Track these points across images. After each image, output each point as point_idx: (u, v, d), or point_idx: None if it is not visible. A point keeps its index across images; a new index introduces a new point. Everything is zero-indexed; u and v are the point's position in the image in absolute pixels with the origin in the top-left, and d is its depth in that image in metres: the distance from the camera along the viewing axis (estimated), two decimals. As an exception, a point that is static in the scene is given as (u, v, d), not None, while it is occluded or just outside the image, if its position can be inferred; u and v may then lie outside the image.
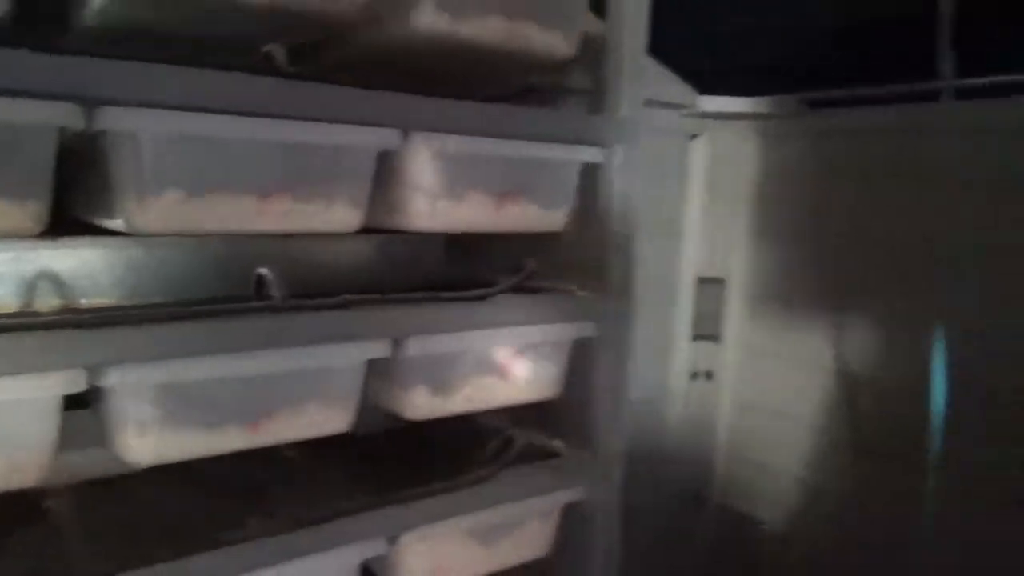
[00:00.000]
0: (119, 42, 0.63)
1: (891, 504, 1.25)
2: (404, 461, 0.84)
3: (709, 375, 1.67)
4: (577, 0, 0.77)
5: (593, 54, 0.79)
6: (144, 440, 0.59)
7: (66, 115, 0.51)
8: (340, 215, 0.67)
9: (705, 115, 1.47)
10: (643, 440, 1.57)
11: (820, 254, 1.36)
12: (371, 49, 0.72)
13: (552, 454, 0.84)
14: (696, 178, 1.51)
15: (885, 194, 1.20)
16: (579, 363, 0.83)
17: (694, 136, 1.51)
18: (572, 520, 0.85)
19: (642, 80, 0.80)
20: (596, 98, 0.80)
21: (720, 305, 1.62)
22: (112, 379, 0.54)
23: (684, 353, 1.62)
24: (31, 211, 0.52)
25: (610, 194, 0.80)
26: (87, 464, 0.72)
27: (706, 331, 1.64)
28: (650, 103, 1.05)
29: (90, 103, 0.51)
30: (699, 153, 1.50)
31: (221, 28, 0.65)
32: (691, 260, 1.58)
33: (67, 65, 0.51)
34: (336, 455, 0.82)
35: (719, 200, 1.52)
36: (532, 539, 0.84)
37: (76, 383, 0.53)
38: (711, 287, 1.62)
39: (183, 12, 0.61)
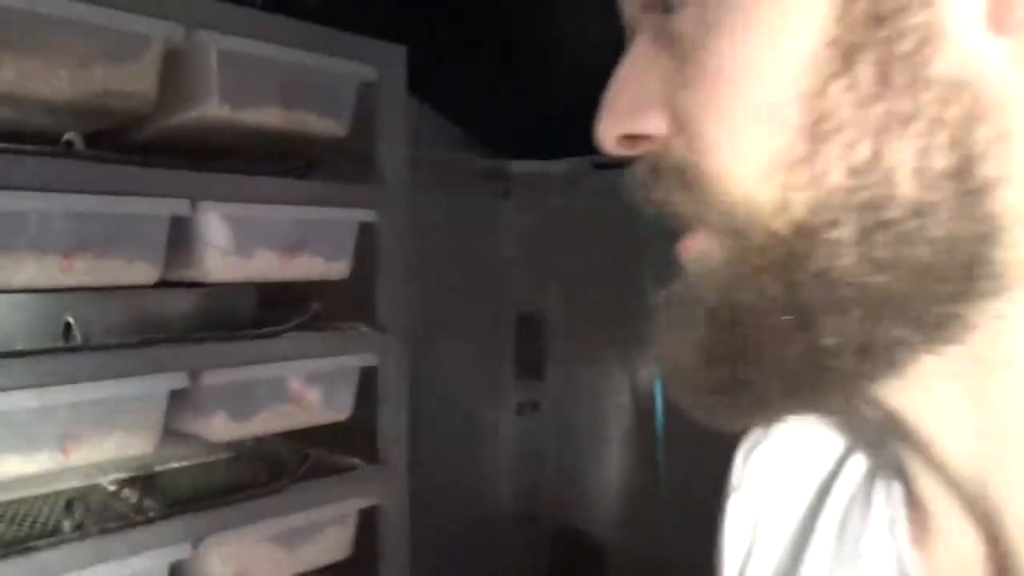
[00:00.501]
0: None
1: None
2: (213, 480, 0.97)
3: (535, 406, 1.86)
4: (347, 91, 0.95)
5: (364, 133, 0.97)
6: (-42, 464, 0.69)
7: None
8: (141, 270, 0.80)
9: (515, 176, 1.71)
10: (475, 467, 1.74)
11: (613, 295, 1.59)
12: (165, 131, 0.87)
13: (347, 468, 0.99)
14: (511, 228, 1.73)
15: (642, 244, 1.45)
16: (366, 390, 0.99)
17: (507, 193, 1.73)
18: (367, 527, 0.99)
19: (402, 155, 0.98)
20: (367, 168, 0.98)
21: (541, 341, 1.82)
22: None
23: (511, 386, 1.82)
24: None
25: (382, 247, 0.98)
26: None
27: (530, 366, 1.84)
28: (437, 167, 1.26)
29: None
30: (512, 207, 1.72)
31: (28, 120, 0.78)
32: (512, 300, 1.78)
33: None
34: (149, 482, 0.94)
35: (535, 248, 1.74)
36: (332, 543, 0.97)
37: None
38: (531, 325, 1.82)
39: (9, 113, 0.74)
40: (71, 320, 0.77)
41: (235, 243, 0.86)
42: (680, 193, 0.27)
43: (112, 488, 0.93)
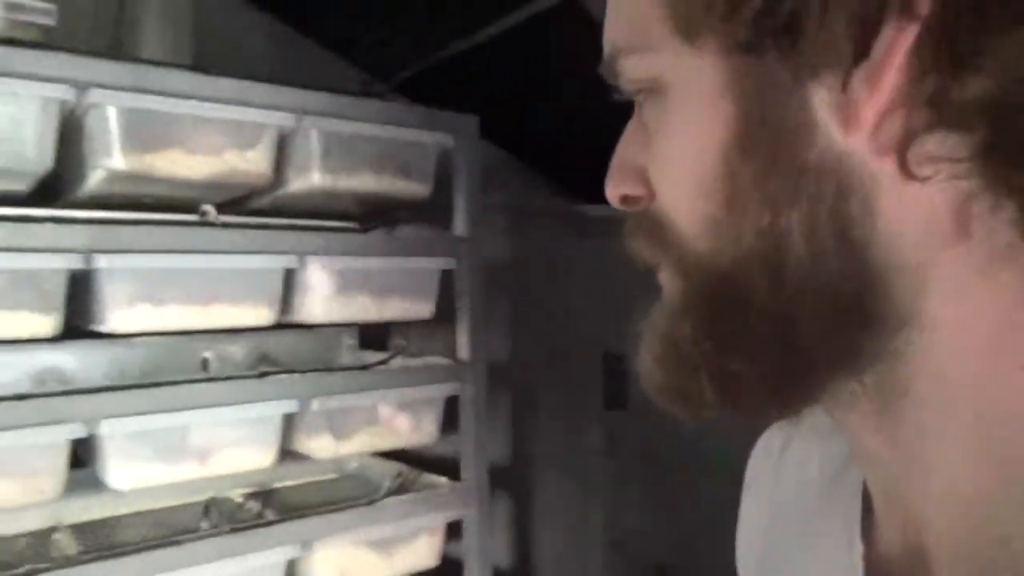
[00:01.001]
0: (103, 205, 0.95)
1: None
2: (320, 495, 1.12)
3: (623, 441, 1.94)
4: (428, 157, 1.11)
5: (445, 189, 1.13)
6: (124, 472, 0.87)
7: (72, 262, 0.82)
8: (261, 314, 0.98)
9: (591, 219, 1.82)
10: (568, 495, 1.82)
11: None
12: (278, 199, 1.05)
13: (434, 486, 1.12)
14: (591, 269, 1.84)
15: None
16: (450, 418, 1.12)
17: (585, 235, 1.85)
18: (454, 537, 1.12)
19: (477, 209, 1.13)
20: (447, 219, 1.13)
21: (627, 378, 1.91)
22: (104, 428, 0.84)
23: (596, 422, 1.90)
24: (52, 320, 0.83)
25: (461, 289, 1.12)
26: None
27: (617, 400, 1.92)
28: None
29: (87, 253, 0.83)
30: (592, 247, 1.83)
31: (172, 194, 0.98)
32: (597, 339, 1.88)
33: (74, 226, 0.83)
34: (268, 496, 1.10)
35: (614, 289, 1.84)
36: (422, 552, 1.10)
37: (75, 432, 0.82)
38: (616, 361, 1.91)
39: (148, 189, 0.94)
40: (208, 356, 0.95)
41: (336, 289, 1.03)
42: (647, 241, 0.35)
43: (239, 500, 1.10)
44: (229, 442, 0.94)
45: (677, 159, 0.33)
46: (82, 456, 0.92)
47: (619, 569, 1.85)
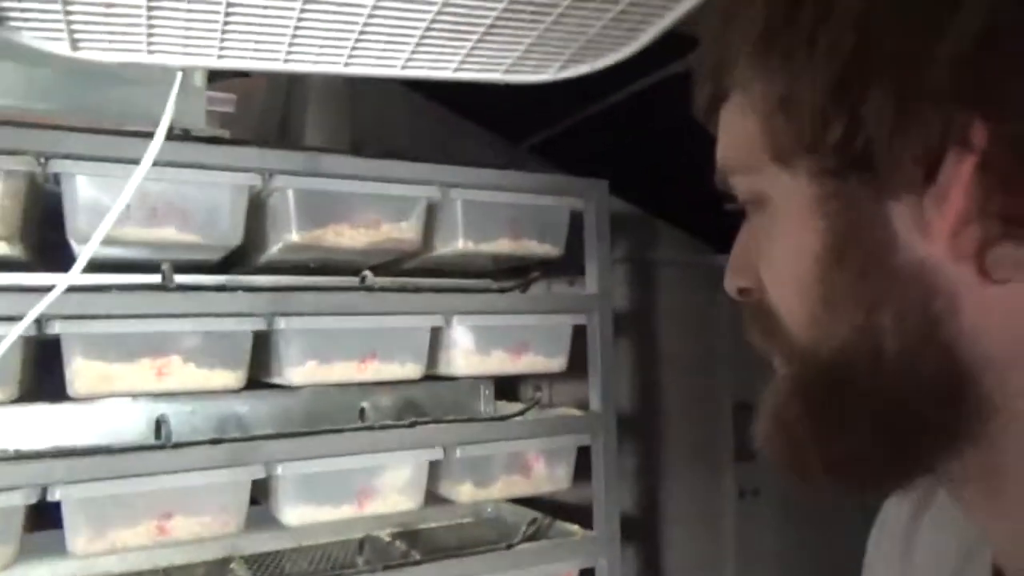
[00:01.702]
0: (276, 270, 1.09)
1: None
2: (460, 537, 1.20)
3: (756, 492, 1.91)
4: (561, 220, 1.18)
5: (575, 249, 1.20)
6: (295, 510, 0.98)
7: (258, 324, 0.95)
8: (410, 369, 1.07)
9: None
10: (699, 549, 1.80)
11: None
12: (426, 261, 1.15)
13: (567, 534, 1.17)
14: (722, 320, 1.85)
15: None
16: (582, 468, 1.17)
17: (710, 287, 1.86)
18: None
19: (607, 267, 1.19)
20: (577, 273, 1.20)
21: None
22: (279, 470, 0.95)
23: (730, 472, 1.88)
24: (239, 375, 0.96)
25: (592, 344, 1.18)
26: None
27: (747, 452, 1.89)
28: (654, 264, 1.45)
29: (270, 317, 0.96)
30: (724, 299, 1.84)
31: (339, 259, 1.10)
32: (727, 389, 1.87)
33: (260, 293, 0.96)
34: (414, 536, 1.19)
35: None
36: (557, 598, 1.15)
37: (256, 473, 0.94)
38: (747, 412, 1.89)
39: (316, 255, 1.06)
40: (365, 406, 1.05)
41: (477, 346, 1.11)
42: (760, 332, 0.40)
43: (387, 539, 1.19)
44: (384, 486, 1.04)
45: (780, 262, 0.38)
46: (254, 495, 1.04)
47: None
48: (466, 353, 1.11)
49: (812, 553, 1.76)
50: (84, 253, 0.74)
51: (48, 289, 0.73)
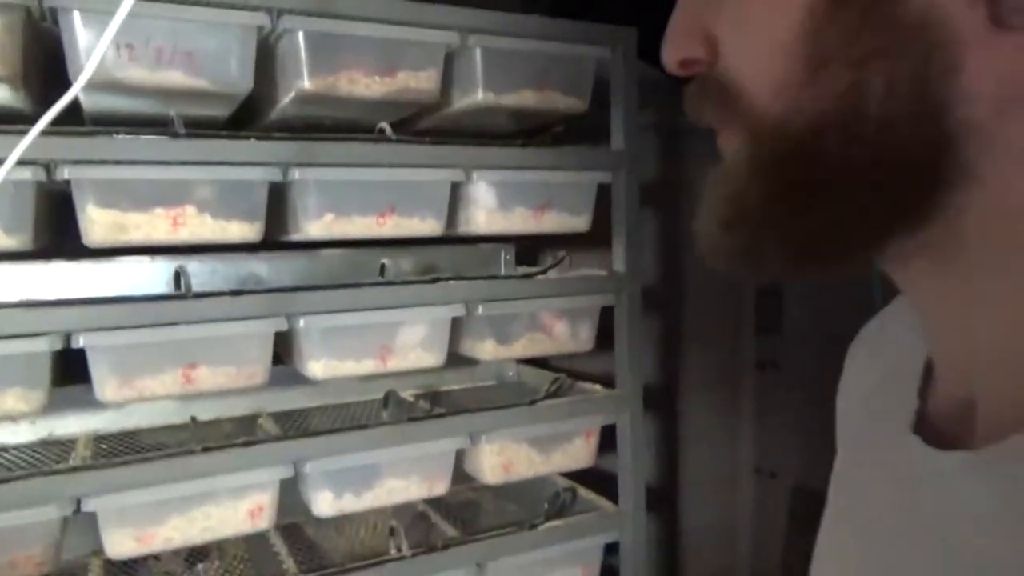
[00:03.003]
0: (293, 127, 1.05)
1: None
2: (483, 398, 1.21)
3: (775, 365, 1.90)
4: (587, 71, 1.12)
5: (600, 112, 1.14)
6: (318, 363, 0.98)
7: (273, 174, 0.92)
8: (430, 224, 1.05)
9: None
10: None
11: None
12: (444, 118, 1.10)
13: (591, 392, 1.18)
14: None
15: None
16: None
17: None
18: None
19: (633, 123, 1.13)
20: (602, 138, 1.14)
21: (781, 300, 1.86)
22: (302, 323, 0.94)
23: (747, 345, 1.87)
24: (256, 228, 0.94)
25: (617, 203, 1.14)
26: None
27: (769, 324, 1.87)
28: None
29: (284, 166, 0.93)
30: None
31: (353, 115, 1.05)
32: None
33: (272, 144, 0.92)
34: (436, 397, 1.20)
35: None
36: (577, 453, 1.17)
37: (279, 325, 0.93)
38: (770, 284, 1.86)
39: (329, 111, 1.02)
40: (385, 262, 1.03)
41: (498, 203, 1.08)
42: (715, 104, 0.35)
43: (410, 399, 1.21)
44: (406, 341, 1.03)
45: (757, 19, 0.33)
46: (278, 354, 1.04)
47: (768, 492, 1.85)
48: (487, 210, 1.08)
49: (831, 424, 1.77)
50: (78, 81, 0.70)
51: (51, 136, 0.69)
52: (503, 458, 1.10)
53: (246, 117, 1.05)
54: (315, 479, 0.97)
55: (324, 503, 0.99)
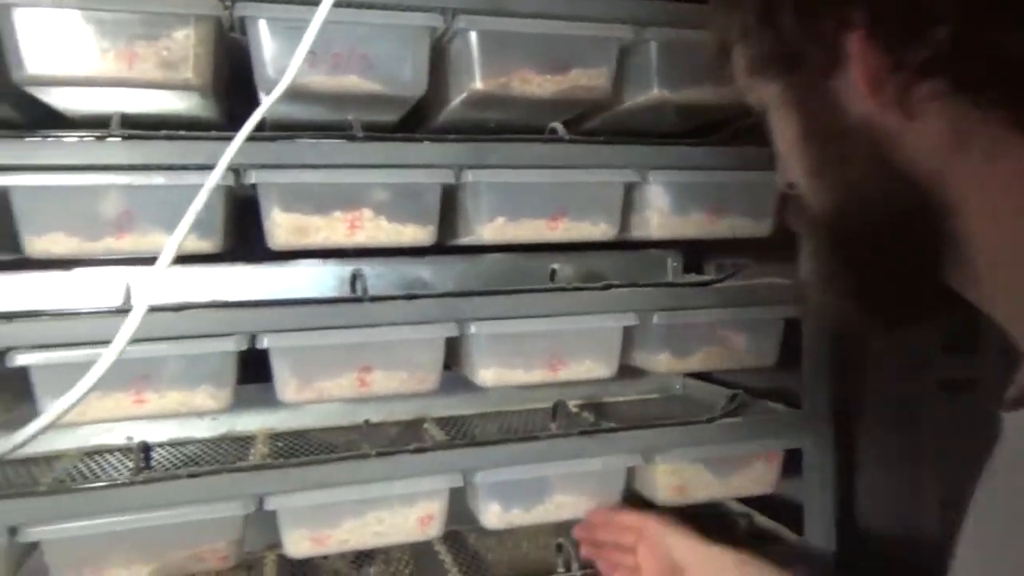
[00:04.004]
0: (458, 131, 1.03)
1: None
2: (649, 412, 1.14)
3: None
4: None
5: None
6: (488, 371, 0.96)
7: (446, 177, 0.90)
8: (603, 229, 1.00)
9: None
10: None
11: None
12: (612, 117, 1.05)
13: (773, 411, 1.08)
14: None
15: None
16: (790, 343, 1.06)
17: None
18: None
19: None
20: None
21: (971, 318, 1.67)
22: (473, 329, 0.92)
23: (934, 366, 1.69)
24: (430, 231, 0.93)
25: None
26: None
27: (956, 343, 1.69)
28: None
29: (457, 169, 0.91)
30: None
31: (522, 116, 1.02)
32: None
33: (446, 146, 0.91)
34: (601, 409, 1.14)
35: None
36: (758, 478, 1.07)
37: (450, 331, 0.91)
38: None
39: (498, 112, 0.99)
40: (555, 267, 0.99)
41: (674, 206, 1.01)
42: (797, 217, 0.53)
43: (575, 410, 1.16)
44: (577, 350, 0.98)
45: (784, 152, 0.53)
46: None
47: (955, 525, 1.66)
48: (661, 213, 1.01)
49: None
50: (276, 89, 0.72)
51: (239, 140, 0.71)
52: (677, 479, 1.03)
53: (412, 122, 1.05)
54: (484, 490, 0.94)
55: (493, 515, 0.96)
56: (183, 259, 0.69)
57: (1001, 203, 0.42)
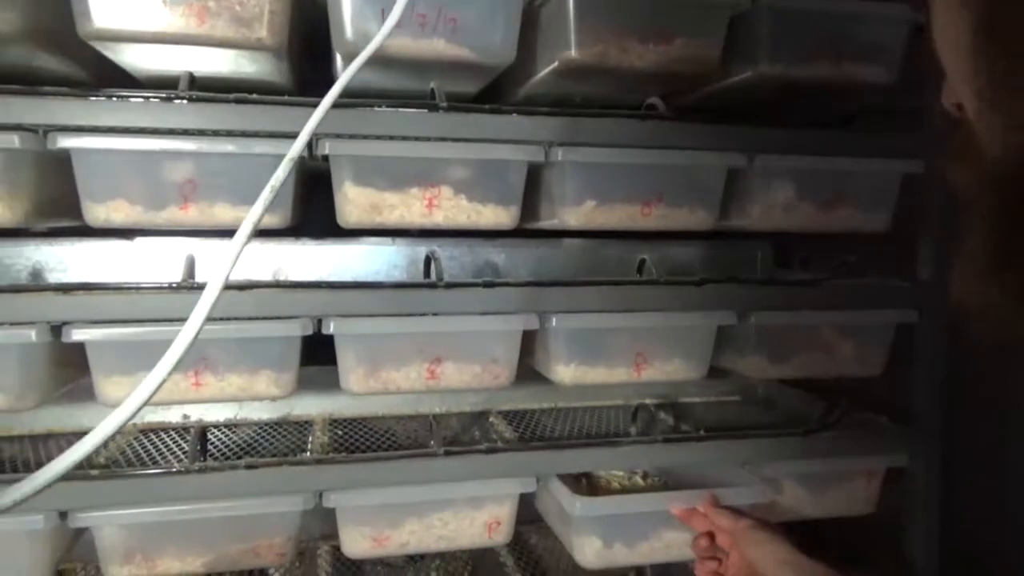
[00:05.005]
0: (547, 103, 0.94)
1: None
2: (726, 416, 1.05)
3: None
4: (895, 34, 0.92)
5: (905, 79, 0.93)
6: (567, 368, 0.88)
7: (534, 154, 0.82)
8: (700, 217, 0.90)
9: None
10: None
11: None
12: (714, 93, 0.95)
13: (876, 425, 0.98)
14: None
15: None
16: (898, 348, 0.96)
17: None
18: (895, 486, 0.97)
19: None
20: (910, 121, 0.93)
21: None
22: (554, 322, 0.84)
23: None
24: (512, 213, 0.85)
25: (928, 196, 0.93)
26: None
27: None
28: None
29: (547, 145, 0.82)
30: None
31: (613, 90, 0.93)
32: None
33: (535, 120, 0.82)
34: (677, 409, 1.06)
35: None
36: (858, 496, 0.97)
37: (530, 323, 0.84)
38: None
39: (592, 86, 0.90)
40: (646, 258, 0.90)
41: (782, 195, 0.91)
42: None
43: (652, 410, 1.07)
44: (665, 350, 0.90)
45: (949, 60, 0.42)
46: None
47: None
48: (767, 204, 0.92)
49: None
50: (366, 50, 0.64)
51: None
52: (769, 492, 0.94)
53: (491, 94, 0.97)
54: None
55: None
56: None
57: None
